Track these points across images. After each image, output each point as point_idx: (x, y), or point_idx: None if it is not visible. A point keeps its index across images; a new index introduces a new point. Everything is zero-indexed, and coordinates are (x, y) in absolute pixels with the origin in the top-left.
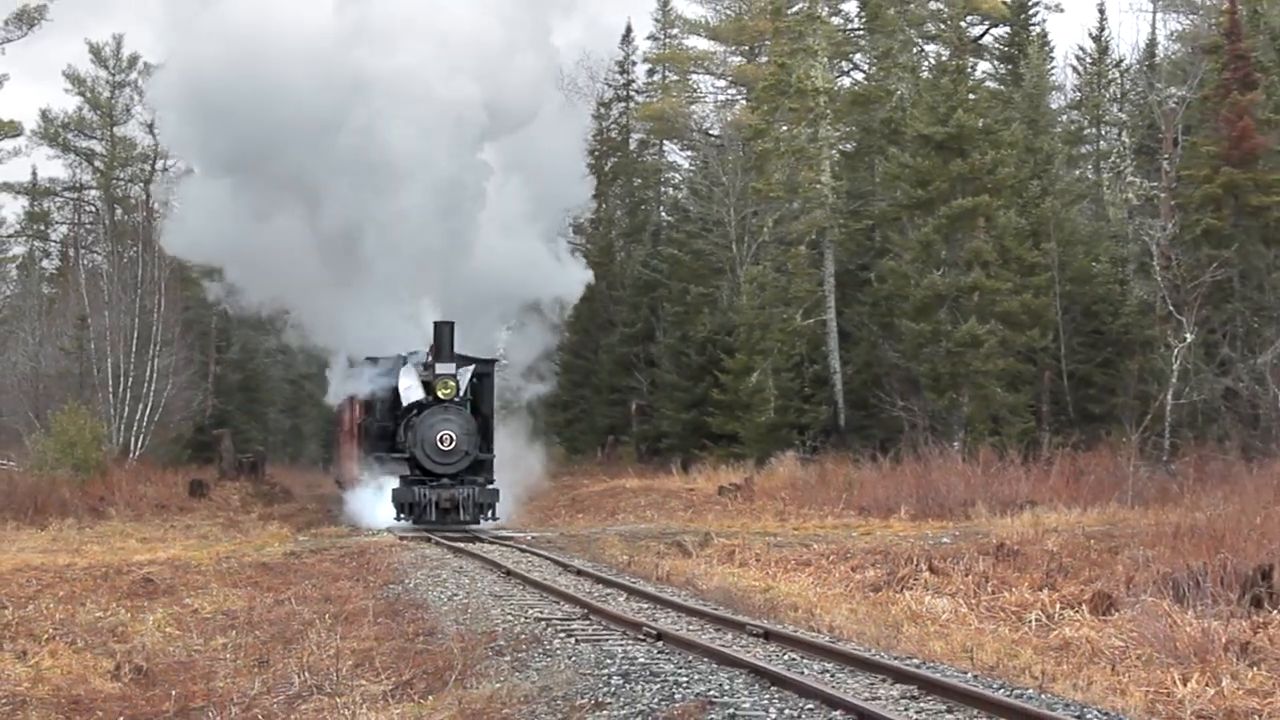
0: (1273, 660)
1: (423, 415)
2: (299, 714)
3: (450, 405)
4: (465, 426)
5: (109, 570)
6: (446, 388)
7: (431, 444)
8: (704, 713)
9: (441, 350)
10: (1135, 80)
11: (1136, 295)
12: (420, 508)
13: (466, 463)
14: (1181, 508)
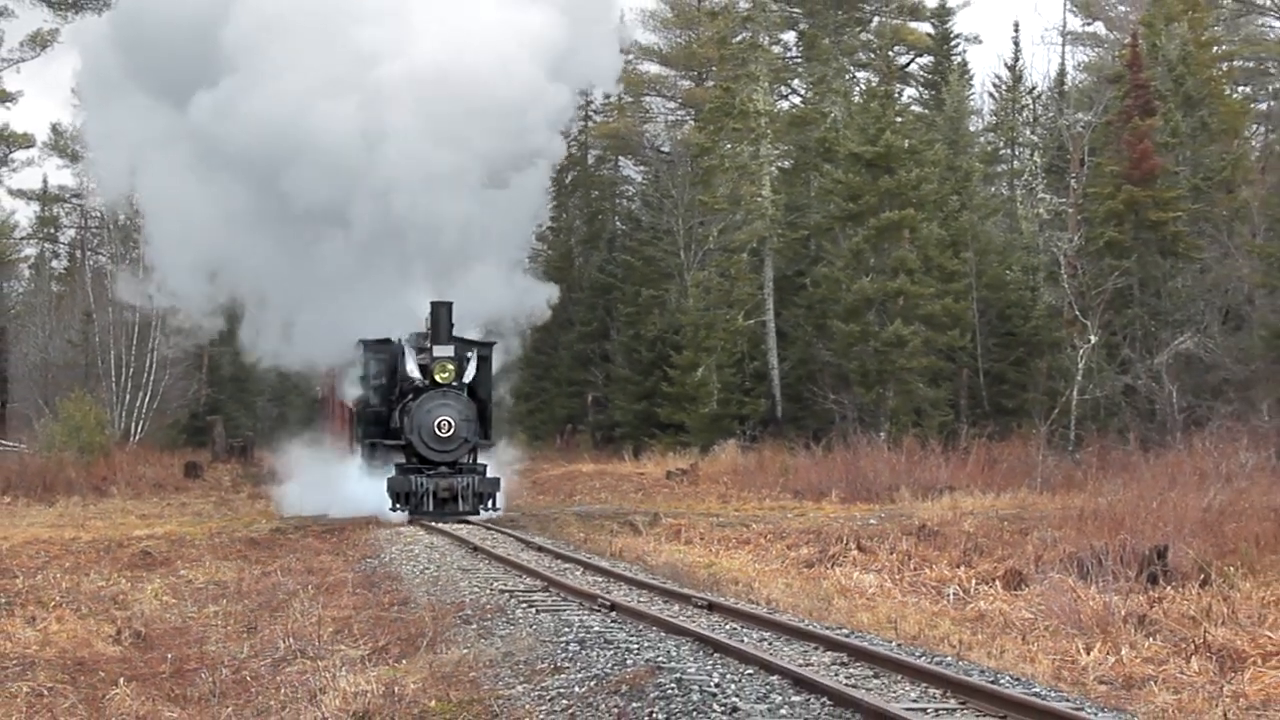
0: (1167, 631)
1: (420, 400)
2: (284, 676)
3: (449, 390)
4: (464, 412)
5: (111, 544)
6: (445, 371)
7: (429, 430)
8: (653, 677)
9: (439, 332)
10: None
11: (1045, 300)
12: (417, 497)
13: (465, 450)
14: (1085, 493)
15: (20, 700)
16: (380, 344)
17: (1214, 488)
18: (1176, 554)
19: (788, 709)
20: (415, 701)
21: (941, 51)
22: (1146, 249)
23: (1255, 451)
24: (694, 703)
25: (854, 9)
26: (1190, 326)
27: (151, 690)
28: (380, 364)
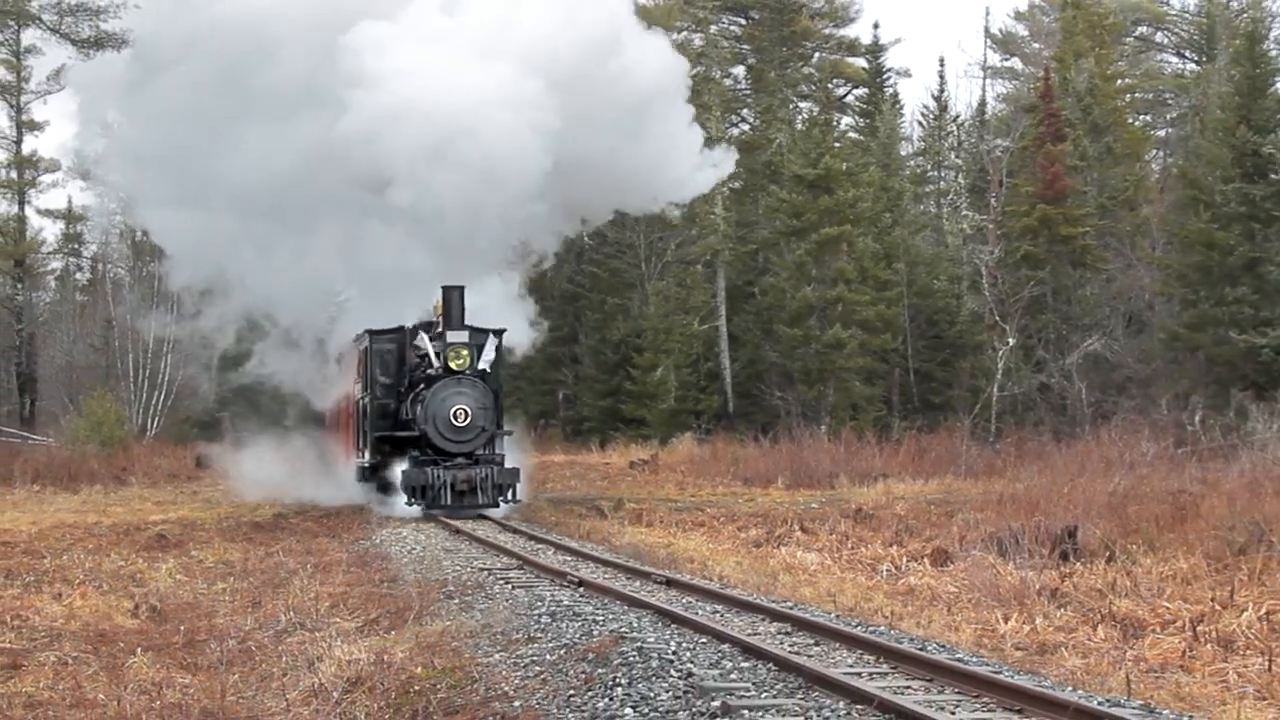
0: (1076, 603)
1: (434, 388)
2: (285, 646)
3: (464, 377)
4: (481, 400)
5: (129, 528)
6: (459, 358)
7: (444, 419)
8: (617, 645)
9: (451, 316)
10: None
11: (969, 307)
12: (434, 491)
13: (483, 440)
14: (1004, 479)
15: (48, 668)
16: (387, 333)
17: (1118, 474)
18: (1085, 533)
19: (738, 674)
20: (403, 669)
21: (875, 84)
22: (1058, 261)
23: (1155, 442)
24: (654, 669)
25: (797, 46)
26: (1097, 330)
27: (166, 659)
28: (387, 354)
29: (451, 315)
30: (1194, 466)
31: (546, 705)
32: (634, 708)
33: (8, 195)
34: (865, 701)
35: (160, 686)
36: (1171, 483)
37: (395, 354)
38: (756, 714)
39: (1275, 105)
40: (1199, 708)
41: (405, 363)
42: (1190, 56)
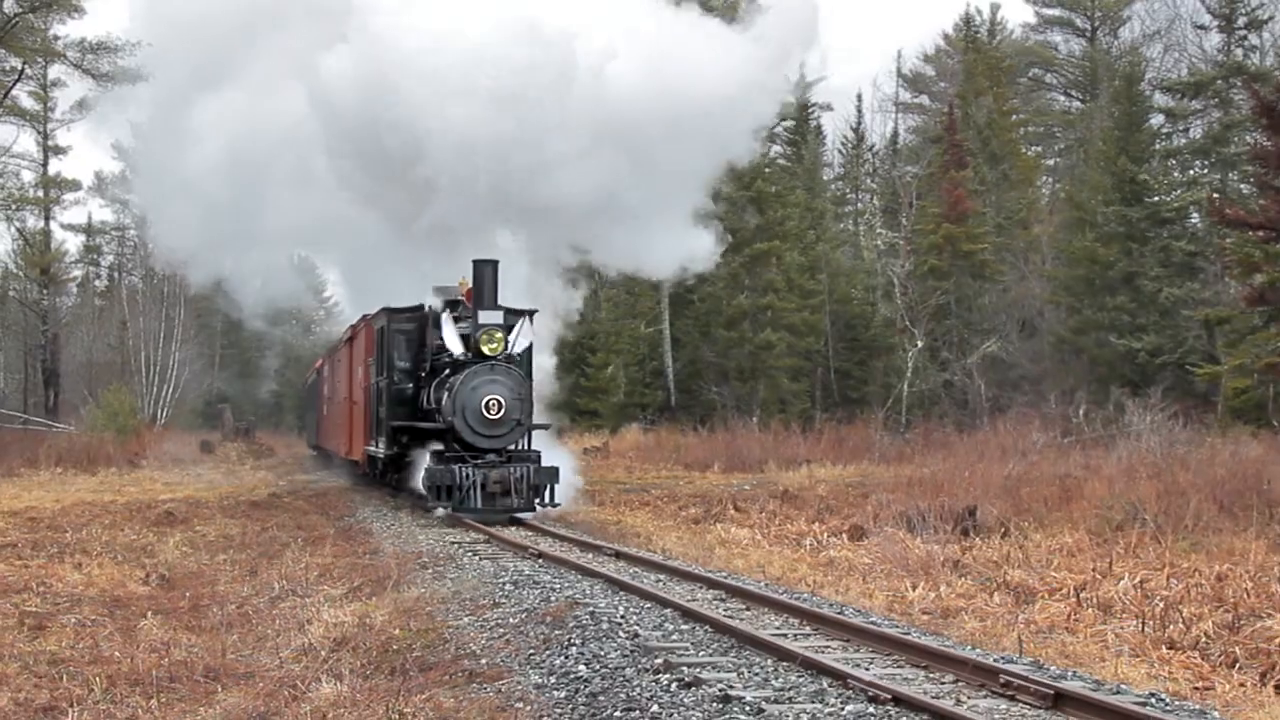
0: (975, 573)
1: (464, 376)
2: (279, 610)
3: (497, 364)
4: (516, 389)
5: (141, 505)
6: (493, 341)
7: (475, 411)
8: (572, 610)
9: (483, 295)
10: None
11: (882, 314)
12: (462, 491)
13: (518, 434)
14: (913, 465)
15: (69, 629)
16: (407, 311)
17: (1012, 460)
18: (983, 512)
19: (678, 635)
20: (383, 630)
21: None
22: (960, 273)
23: (1044, 432)
24: (604, 630)
25: None
26: (994, 334)
27: (173, 621)
28: (406, 334)
29: (484, 293)
30: (1078, 454)
31: (510, 663)
32: (587, 664)
33: (35, 212)
34: (790, 659)
35: (168, 645)
36: (1058, 468)
37: (415, 335)
38: (695, 670)
39: (1149, 138)
40: (1081, 664)
41: (426, 345)
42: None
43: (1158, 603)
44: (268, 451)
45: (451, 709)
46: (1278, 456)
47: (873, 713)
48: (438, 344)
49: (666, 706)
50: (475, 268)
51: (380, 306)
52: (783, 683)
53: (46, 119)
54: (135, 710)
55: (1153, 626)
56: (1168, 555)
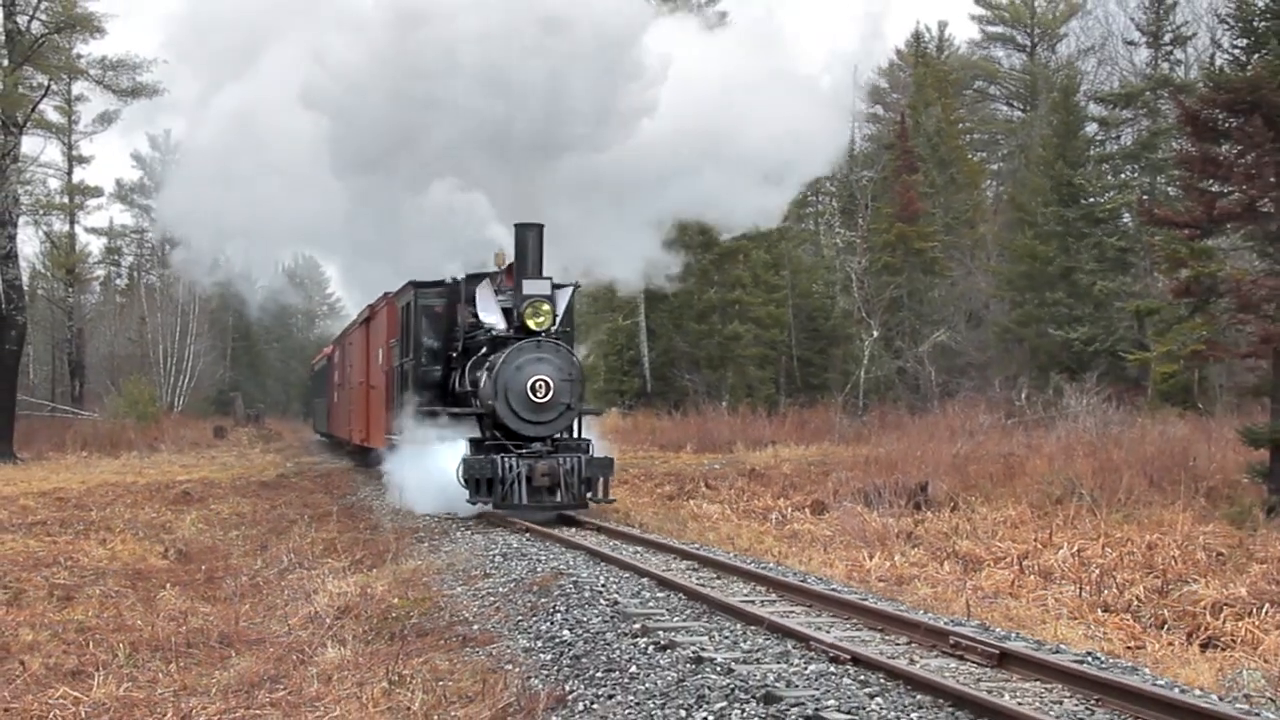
0: (927, 544)
1: (506, 355)
2: (287, 581)
3: (544, 340)
4: (566, 369)
5: (160, 486)
6: (539, 315)
7: (519, 393)
8: (557, 580)
9: (526, 262)
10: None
11: (841, 306)
12: (505, 485)
13: (568, 420)
14: (869, 445)
15: (95, 599)
16: (435, 285)
17: (960, 440)
18: (934, 488)
19: (655, 601)
20: (383, 599)
21: None
22: (912, 269)
23: (990, 415)
24: (586, 597)
25: None
26: (944, 325)
27: (190, 592)
28: (435, 311)
29: (527, 260)
30: (1020, 434)
31: (499, 628)
32: (570, 629)
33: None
34: (757, 623)
35: (186, 614)
36: (1002, 447)
37: (444, 311)
38: (670, 634)
39: (1084, 145)
40: (1024, 626)
41: (457, 323)
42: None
43: (1094, 570)
44: (276, 437)
45: (446, 671)
46: (1202, 436)
47: (834, 672)
48: (470, 321)
49: (644, 667)
50: (517, 232)
51: (406, 281)
52: (751, 645)
53: (71, 131)
54: (156, 673)
55: (1089, 592)
56: (1103, 526)
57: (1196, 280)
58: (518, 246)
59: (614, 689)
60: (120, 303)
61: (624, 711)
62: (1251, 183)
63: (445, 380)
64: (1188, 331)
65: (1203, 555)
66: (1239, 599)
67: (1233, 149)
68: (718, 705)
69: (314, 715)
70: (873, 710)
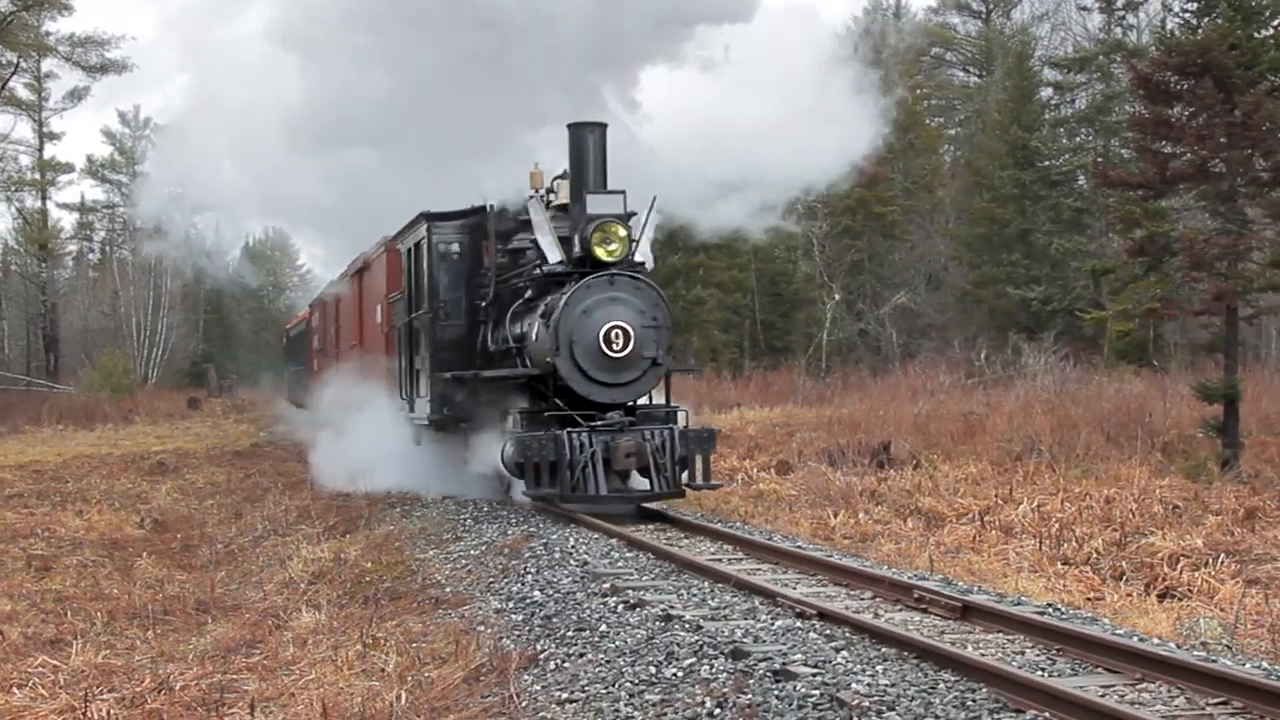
0: (890, 501)
1: (568, 296)
2: (262, 548)
3: (618, 275)
4: (649, 312)
5: (135, 457)
6: (611, 241)
7: (589, 346)
8: (527, 542)
9: (587, 172)
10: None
11: (803, 270)
12: (575, 470)
13: (653, 381)
14: (833, 406)
15: (72, 569)
16: (457, 217)
17: (922, 400)
18: (896, 447)
19: (623, 561)
20: (356, 564)
21: None
22: (872, 233)
23: (950, 375)
24: (556, 559)
25: None
26: (904, 287)
27: (166, 561)
28: (456, 250)
29: (589, 169)
30: (980, 393)
31: (472, 590)
32: (541, 590)
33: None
34: (725, 581)
35: (162, 582)
36: (963, 406)
37: (469, 251)
38: (639, 593)
39: (1039, 109)
40: (986, 579)
41: (483, 265)
42: (973, 71)
43: (1053, 524)
44: (249, 407)
45: (420, 633)
46: (1157, 392)
47: (800, 626)
48: (503, 260)
49: (614, 626)
50: (575, 136)
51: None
52: (718, 602)
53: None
54: (134, 641)
55: (1049, 545)
56: (1061, 482)
57: (1150, 240)
58: (575, 154)
59: (585, 648)
60: (93, 277)
61: (594, 669)
62: (1203, 144)
63: (474, 336)
64: (1142, 290)
65: (1159, 508)
66: (1195, 550)
67: (1184, 111)
68: (686, 661)
69: (290, 679)
70: (839, 663)
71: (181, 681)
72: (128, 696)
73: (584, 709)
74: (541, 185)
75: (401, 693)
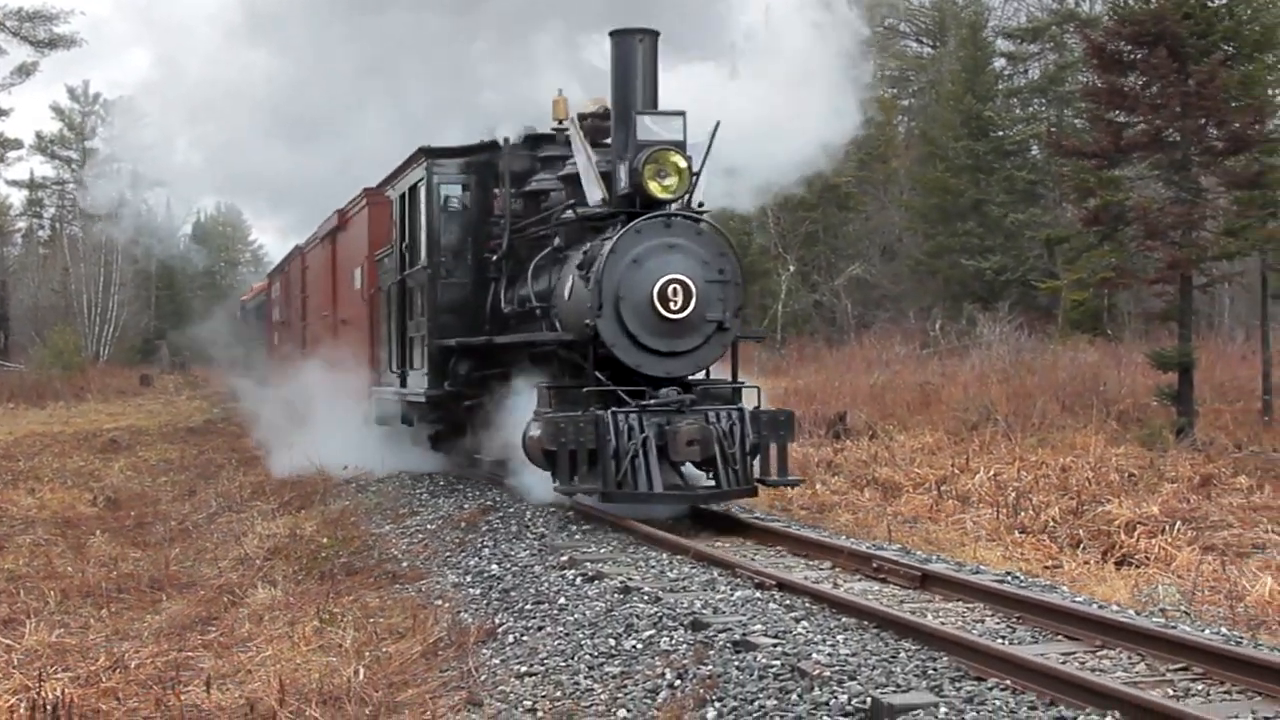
0: (847, 472)
1: (615, 241)
2: (216, 525)
3: (676, 218)
4: (714, 262)
5: (87, 435)
6: (667, 173)
7: (640, 304)
8: (485, 515)
9: (634, 89)
10: None
11: (758, 242)
12: (622, 461)
13: (717, 349)
14: (788, 377)
15: (25, 548)
16: (463, 154)
17: (877, 370)
18: (853, 417)
19: (581, 535)
20: (312, 539)
21: None
22: (828, 204)
23: (905, 345)
24: (514, 532)
25: None
26: (859, 258)
27: (120, 539)
28: (460, 190)
29: (636, 86)
30: (936, 363)
31: (428, 565)
32: (499, 564)
33: None
34: (683, 552)
35: (116, 560)
36: (918, 376)
37: (476, 194)
38: (597, 565)
39: (993, 79)
40: (944, 549)
41: (492, 212)
42: (926, 42)
43: (1010, 493)
44: (202, 383)
45: (377, 608)
46: (1112, 361)
47: (760, 597)
48: (517, 205)
49: (572, 598)
50: (618, 46)
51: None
52: (678, 574)
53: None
54: (88, 619)
55: (1006, 514)
56: (1018, 450)
57: (1105, 209)
58: (619, 68)
59: (543, 620)
60: (43, 254)
61: (554, 642)
62: (1157, 113)
63: (480, 298)
64: (1097, 259)
65: (1115, 476)
66: (1151, 517)
67: (1138, 80)
68: (646, 633)
69: (246, 655)
70: (799, 633)
71: (137, 659)
72: (82, 675)
73: (543, 682)
74: (566, 116)
75: (359, 668)
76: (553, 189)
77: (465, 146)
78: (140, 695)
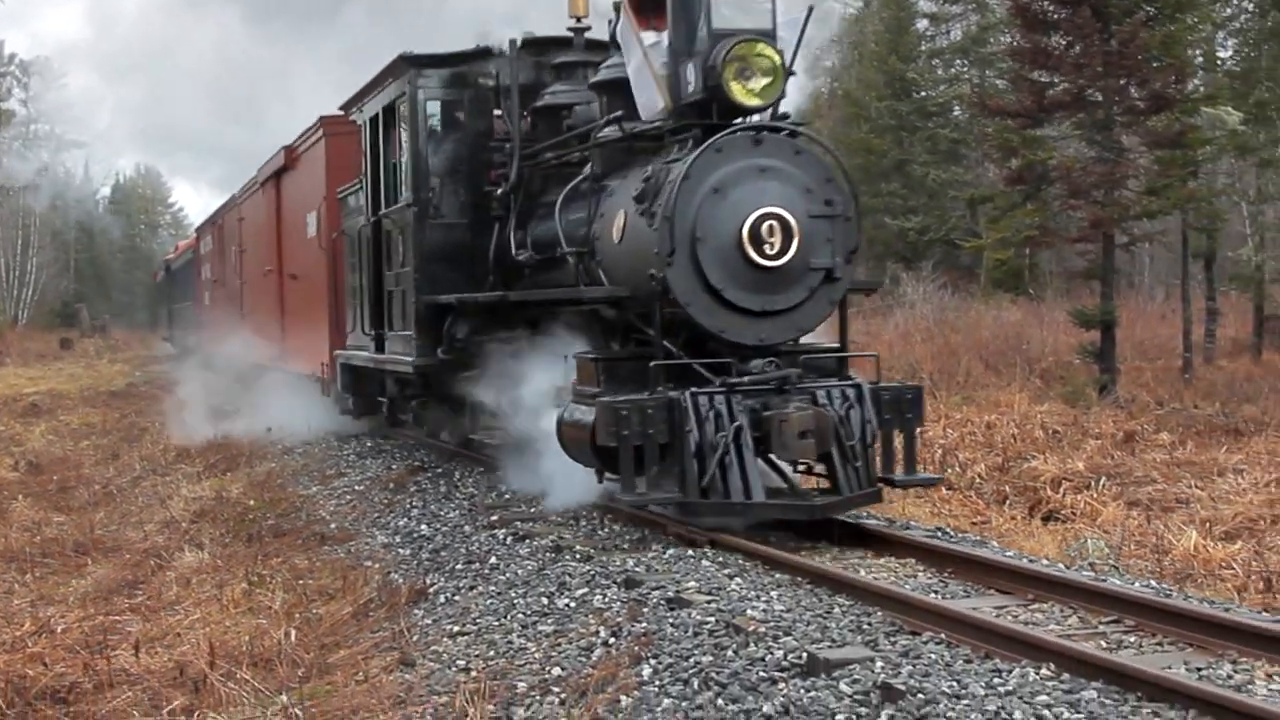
0: None
1: (692, 166)
2: (140, 489)
3: (766, 132)
4: (822, 191)
5: (7, 399)
6: (755, 74)
7: (724, 249)
8: (413, 476)
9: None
10: None
11: None
12: (706, 459)
13: (825, 306)
14: None
15: None
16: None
17: None
18: None
19: (510, 494)
20: (239, 502)
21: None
22: None
23: None
24: (443, 492)
25: None
26: None
27: (43, 503)
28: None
29: None
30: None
31: (357, 525)
32: (428, 524)
33: None
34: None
35: (39, 525)
36: None
37: (471, 112)
38: (527, 524)
39: (915, 40)
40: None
41: (493, 136)
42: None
43: (936, 450)
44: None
45: (306, 570)
46: (1035, 320)
47: (691, 555)
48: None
49: (504, 558)
50: None
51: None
52: (608, 533)
53: None
54: (12, 584)
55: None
56: (943, 409)
57: (1028, 168)
58: None
59: (475, 580)
60: None
61: (486, 601)
62: (1080, 72)
63: (480, 242)
64: (1020, 218)
65: (1040, 433)
66: (1076, 473)
67: (1062, 40)
68: (579, 591)
69: (174, 619)
70: (733, 590)
71: (63, 624)
72: (8, 641)
73: (476, 641)
74: (586, 13)
75: (290, 629)
76: (570, 104)
77: (458, 53)
78: (68, 660)
